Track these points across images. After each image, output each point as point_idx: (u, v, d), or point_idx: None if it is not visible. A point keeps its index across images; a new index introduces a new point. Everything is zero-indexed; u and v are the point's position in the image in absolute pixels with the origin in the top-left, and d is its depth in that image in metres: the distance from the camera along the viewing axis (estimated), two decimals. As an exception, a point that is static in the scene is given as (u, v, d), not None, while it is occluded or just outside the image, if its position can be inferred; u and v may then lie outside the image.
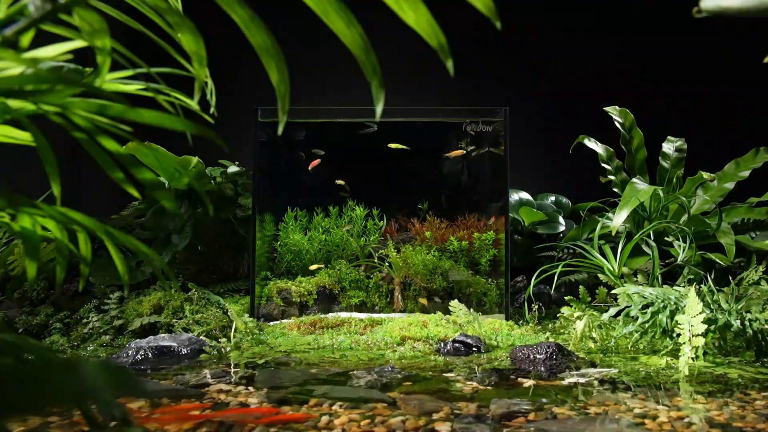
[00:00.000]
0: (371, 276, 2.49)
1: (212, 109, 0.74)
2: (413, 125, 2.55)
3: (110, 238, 0.67)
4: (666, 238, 2.38)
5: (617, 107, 2.81)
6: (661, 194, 2.15)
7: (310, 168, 2.31)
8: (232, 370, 1.55)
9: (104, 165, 0.60)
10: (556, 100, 3.80)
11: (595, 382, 1.39)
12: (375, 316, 2.25)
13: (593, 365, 1.57)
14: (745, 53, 3.61)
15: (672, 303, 1.62)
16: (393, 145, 2.48)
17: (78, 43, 0.66)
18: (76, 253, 0.76)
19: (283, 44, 0.58)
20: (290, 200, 2.69)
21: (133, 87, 0.64)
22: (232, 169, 2.90)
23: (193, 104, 0.69)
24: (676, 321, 1.55)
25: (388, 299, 2.44)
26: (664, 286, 2.18)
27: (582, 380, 1.40)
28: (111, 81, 0.64)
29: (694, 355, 1.39)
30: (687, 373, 1.38)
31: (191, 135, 0.59)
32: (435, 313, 2.20)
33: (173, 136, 2.99)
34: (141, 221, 2.81)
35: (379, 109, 0.51)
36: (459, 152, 2.45)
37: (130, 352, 1.61)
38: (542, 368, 1.53)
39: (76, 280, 2.63)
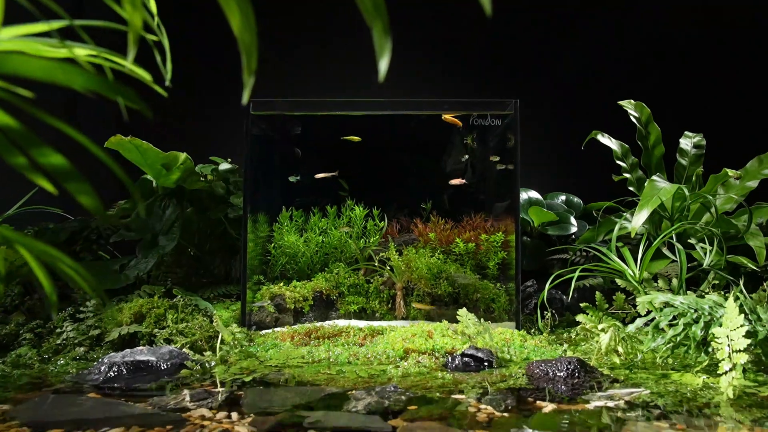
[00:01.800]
0: (371, 280, 2.32)
1: (167, 79, 0.58)
2: (417, 118, 2.38)
3: (34, 254, 0.51)
4: (689, 241, 2.22)
5: (632, 101, 2.64)
6: (687, 193, 1.99)
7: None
8: (217, 389, 1.38)
9: None
10: (567, 93, 3.62)
11: (625, 405, 1.23)
12: (375, 324, 2.09)
13: (618, 382, 1.41)
14: (766, 45, 3.43)
15: (706, 314, 1.45)
16: (348, 138, 2.28)
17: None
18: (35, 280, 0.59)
19: (284, 42, 0.41)
20: (285, 199, 2.52)
21: (43, 46, 0.47)
22: (224, 166, 2.73)
23: (142, 72, 0.52)
24: (712, 334, 1.38)
25: (390, 305, 2.27)
26: (688, 292, 2.02)
27: (610, 403, 1.23)
28: (13, 38, 0.47)
29: (738, 374, 1.23)
30: (732, 395, 1.22)
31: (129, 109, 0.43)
32: (441, 321, 2.03)
33: (161, 134, 2.80)
34: (127, 221, 2.64)
35: (383, 64, 0.35)
36: (455, 121, 2.23)
37: (103, 368, 1.45)
38: (563, 387, 1.37)
39: (57, 284, 2.47)
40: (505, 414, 1.16)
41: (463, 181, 2.22)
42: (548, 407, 1.21)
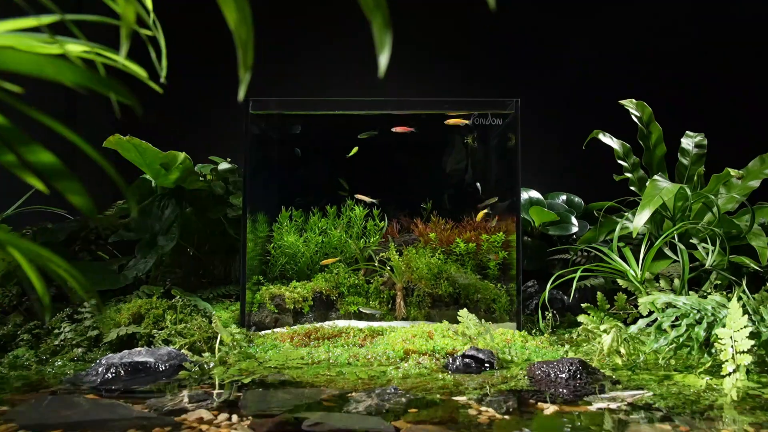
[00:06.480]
0: (371, 281, 2.31)
1: (162, 75, 0.57)
2: (418, 117, 2.36)
3: (26, 256, 0.50)
4: (691, 240, 2.21)
5: (634, 100, 2.63)
6: (689, 192, 1.98)
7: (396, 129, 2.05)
8: (215, 391, 1.37)
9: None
10: (568, 92, 3.61)
11: (628, 408, 1.21)
12: (375, 324, 2.08)
13: (620, 384, 1.39)
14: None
15: (709, 314, 1.44)
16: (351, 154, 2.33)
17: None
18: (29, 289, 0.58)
19: (283, 42, 0.40)
20: (285, 199, 2.51)
21: (33, 41, 0.45)
22: (223, 165, 2.72)
23: (136, 68, 0.51)
24: (716, 335, 1.37)
25: (390, 306, 2.26)
26: (690, 292, 2.00)
27: (613, 405, 1.22)
28: (3, 33, 0.46)
29: (741, 376, 1.22)
30: (735, 397, 1.21)
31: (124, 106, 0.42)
32: (441, 321, 2.02)
33: (160, 133, 2.79)
34: (126, 221, 2.63)
35: (383, 59, 0.33)
36: (458, 121, 2.23)
37: (100, 369, 1.43)
38: (565, 389, 1.36)
39: (53, 284, 2.46)
40: (506, 416, 1.14)
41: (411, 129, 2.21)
42: (550, 409, 1.19)
